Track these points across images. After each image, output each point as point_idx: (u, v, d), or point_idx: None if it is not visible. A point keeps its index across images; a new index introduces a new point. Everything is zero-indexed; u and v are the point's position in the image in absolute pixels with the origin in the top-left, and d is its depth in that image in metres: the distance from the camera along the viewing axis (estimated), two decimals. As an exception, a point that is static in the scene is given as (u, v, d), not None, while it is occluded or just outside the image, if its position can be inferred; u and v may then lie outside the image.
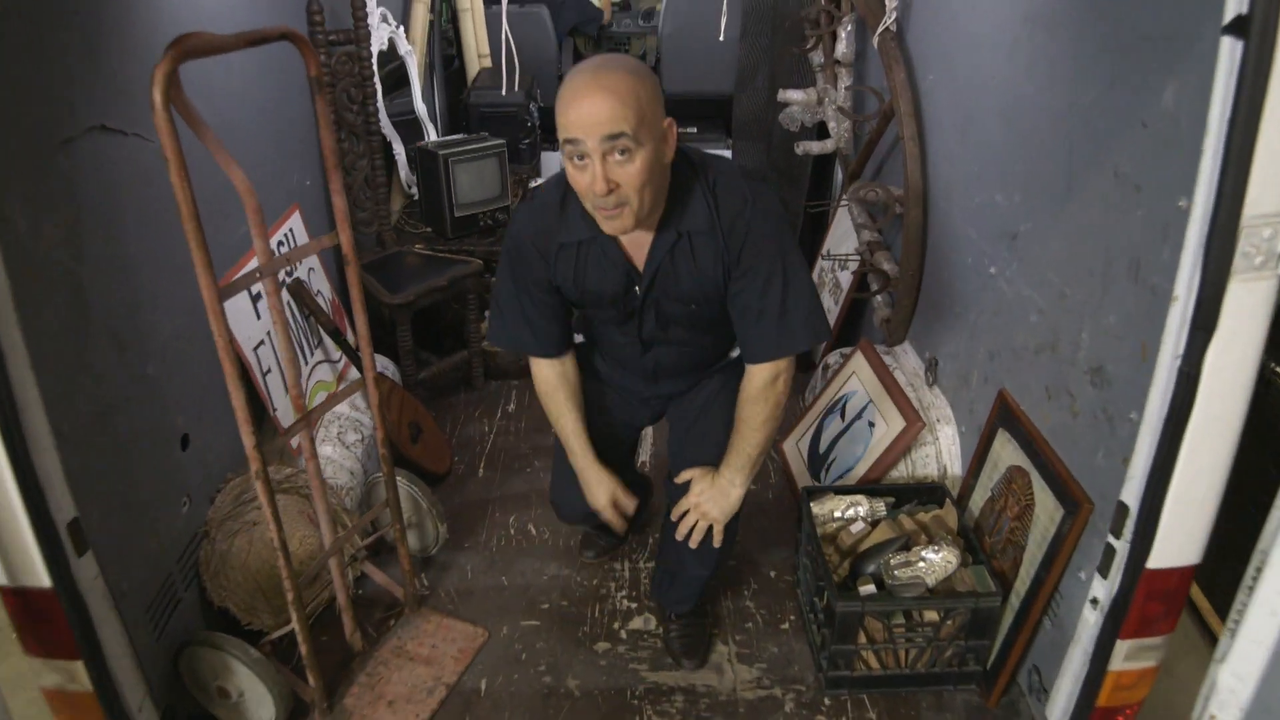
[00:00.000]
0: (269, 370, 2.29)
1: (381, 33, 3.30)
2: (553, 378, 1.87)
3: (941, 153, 2.45)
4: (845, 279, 3.26)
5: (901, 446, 2.32)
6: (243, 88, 2.25)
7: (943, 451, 2.38)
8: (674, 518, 1.87)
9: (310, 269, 2.65)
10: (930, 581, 1.89)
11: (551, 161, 4.87)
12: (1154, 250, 1.44)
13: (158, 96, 1.26)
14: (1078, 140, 1.71)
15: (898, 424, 2.35)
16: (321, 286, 2.72)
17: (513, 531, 2.55)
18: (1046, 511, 1.83)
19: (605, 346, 1.96)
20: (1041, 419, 1.90)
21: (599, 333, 1.93)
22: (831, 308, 3.33)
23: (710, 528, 1.84)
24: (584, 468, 1.90)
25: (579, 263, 1.70)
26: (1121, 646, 1.49)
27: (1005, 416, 2.04)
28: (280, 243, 2.46)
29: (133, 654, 1.54)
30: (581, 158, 1.44)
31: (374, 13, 3.21)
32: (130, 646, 1.53)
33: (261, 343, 2.27)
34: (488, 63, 4.54)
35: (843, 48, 3.00)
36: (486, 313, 3.41)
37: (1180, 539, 1.37)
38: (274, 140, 2.48)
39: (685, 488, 1.86)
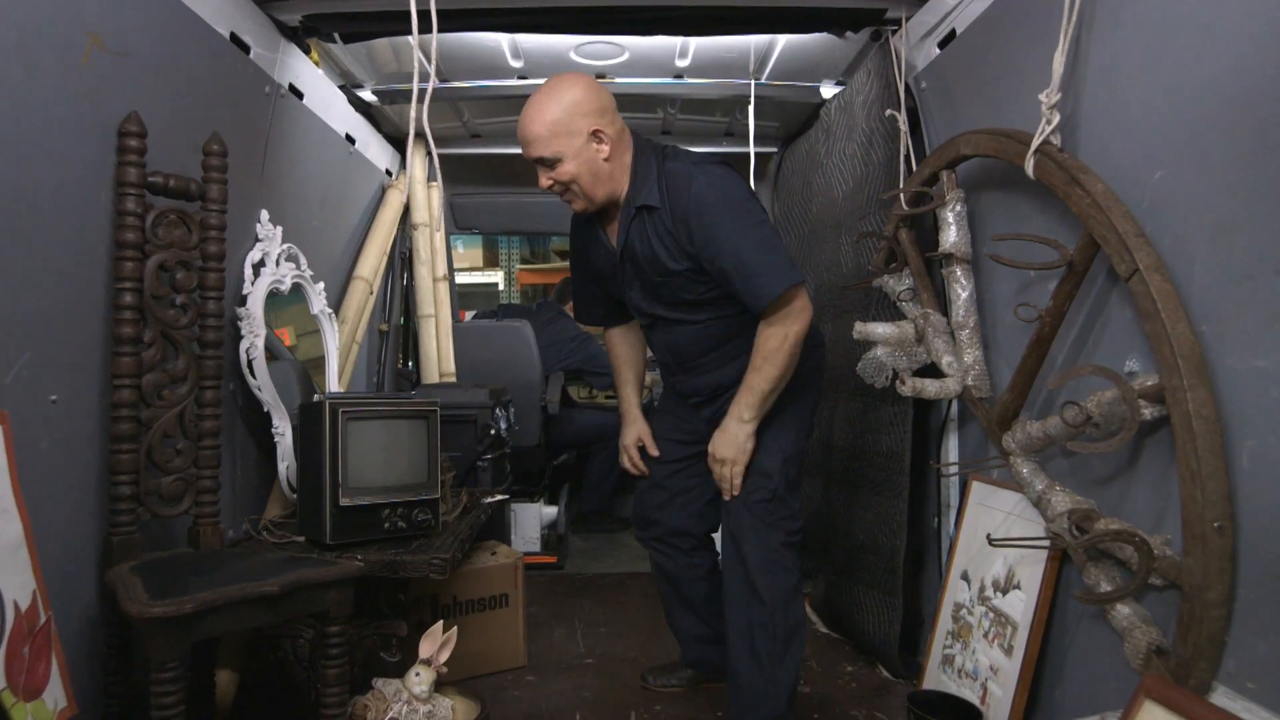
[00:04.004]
0: None
1: (283, 270, 2.35)
2: (612, 344, 2.27)
3: (1230, 273, 1.27)
4: (1016, 605, 1.83)
5: None
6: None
7: None
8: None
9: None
10: None
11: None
12: None
13: None
14: None
15: None
16: (5, 581, 1.33)
17: None
18: None
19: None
20: None
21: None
22: (1001, 662, 1.84)
23: (738, 475, 1.89)
24: (625, 411, 2.23)
25: (587, 240, 2.05)
26: None
27: None
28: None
29: None
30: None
31: (267, 229, 2.29)
32: None
33: None
34: (452, 380, 3.58)
35: (953, 235, 1.99)
36: (373, 682, 1.94)
37: None
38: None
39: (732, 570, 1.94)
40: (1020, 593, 1.85)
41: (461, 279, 7.15)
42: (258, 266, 2.26)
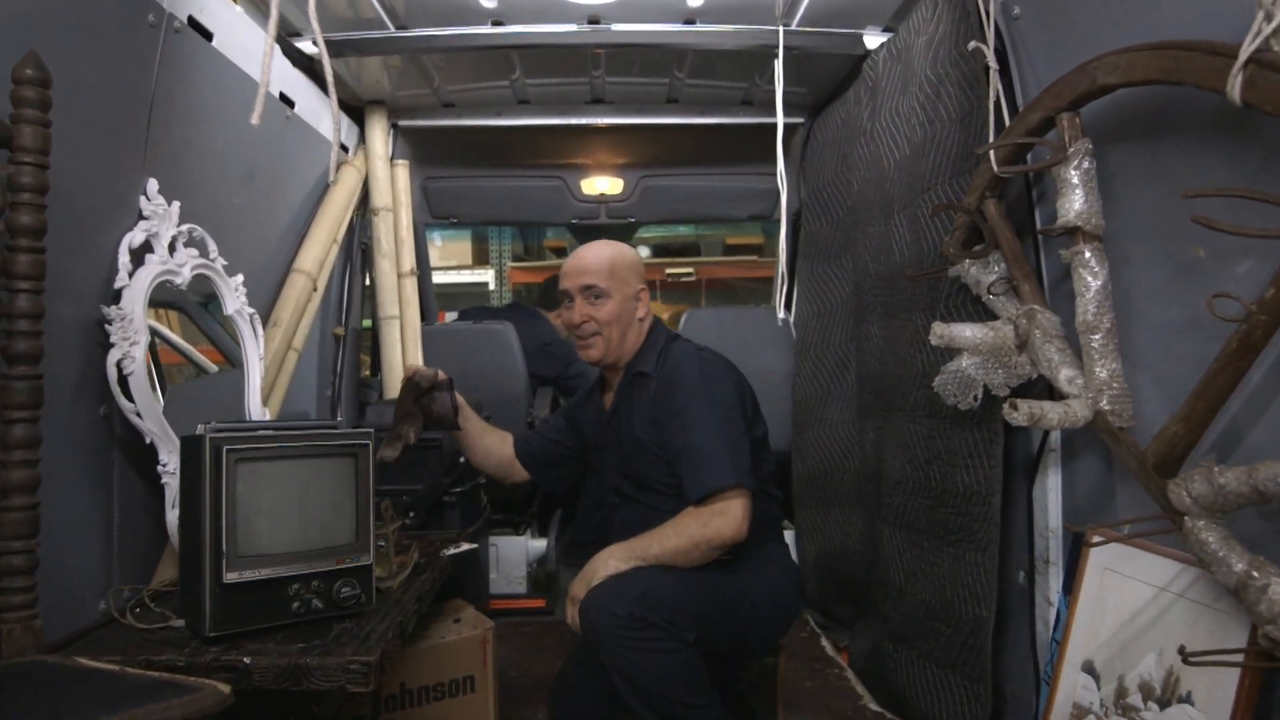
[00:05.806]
0: None
1: (181, 257, 1.80)
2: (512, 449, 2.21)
3: None
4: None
5: None
6: None
7: None
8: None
9: None
10: None
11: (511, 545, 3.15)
12: None
13: None
14: None
15: None
16: None
17: None
18: None
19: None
20: None
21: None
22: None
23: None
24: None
25: (587, 405, 2.17)
26: None
27: None
28: None
29: None
30: (570, 299, 1.98)
31: (156, 204, 1.75)
32: None
33: None
34: (420, 393, 3.02)
35: (1079, 202, 1.43)
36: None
37: None
38: None
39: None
40: (1192, 709, 1.29)
41: (448, 278, 6.56)
42: (140, 252, 1.71)
